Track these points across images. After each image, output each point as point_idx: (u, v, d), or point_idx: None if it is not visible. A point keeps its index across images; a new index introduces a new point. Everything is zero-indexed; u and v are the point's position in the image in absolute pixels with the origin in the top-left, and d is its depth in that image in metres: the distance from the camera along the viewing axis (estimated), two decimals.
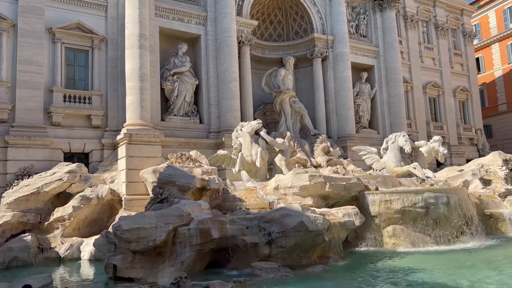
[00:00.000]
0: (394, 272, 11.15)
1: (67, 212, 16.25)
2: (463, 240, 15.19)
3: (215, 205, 15.36)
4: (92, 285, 11.42)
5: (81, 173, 17.48)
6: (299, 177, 15.55)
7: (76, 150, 19.90)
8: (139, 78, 20.03)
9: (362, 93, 28.95)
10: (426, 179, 19.54)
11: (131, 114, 19.91)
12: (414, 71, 33.22)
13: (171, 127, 21.61)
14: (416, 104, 32.64)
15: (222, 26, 23.16)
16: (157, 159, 19.48)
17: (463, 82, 37.01)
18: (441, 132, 33.02)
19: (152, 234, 11.04)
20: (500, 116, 43.79)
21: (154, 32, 21.76)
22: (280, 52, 27.70)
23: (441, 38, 35.79)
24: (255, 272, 11.05)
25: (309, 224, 11.82)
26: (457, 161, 31.97)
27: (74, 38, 20.59)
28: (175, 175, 15.15)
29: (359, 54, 29.20)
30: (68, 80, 20.56)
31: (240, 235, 12.01)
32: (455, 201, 15.73)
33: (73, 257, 15.27)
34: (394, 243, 14.86)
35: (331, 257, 12.79)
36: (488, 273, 10.53)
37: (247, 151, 18.50)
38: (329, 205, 15.56)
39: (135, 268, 11.10)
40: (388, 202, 15.16)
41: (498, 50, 44.47)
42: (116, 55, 21.23)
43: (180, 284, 9.96)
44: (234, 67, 23.10)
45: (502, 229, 17.84)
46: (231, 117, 22.36)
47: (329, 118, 27.14)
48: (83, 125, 20.19)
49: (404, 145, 20.89)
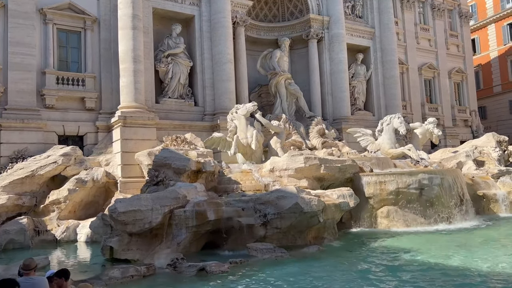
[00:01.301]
0: (387, 252, 11.32)
1: (62, 195, 16.26)
2: (456, 220, 15.43)
3: (211, 188, 15.43)
4: (89, 267, 11.52)
5: (76, 156, 17.43)
6: (294, 159, 15.61)
7: (70, 133, 19.79)
8: (133, 60, 19.80)
9: (357, 75, 28.82)
10: (421, 161, 19.69)
11: (125, 97, 19.75)
12: (410, 53, 33.04)
13: (166, 109, 21.48)
14: (411, 86, 32.60)
15: (217, 7, 22.82)
16: (152, 141, 19.43)
17: (459, 63, 36.92)
18: (436, 114, 33.08)
19: (148, 216, 11.12)
20: (494, 97, 43.87)
21: (147, 12, 21.40)
22: (275, 33, 27.39)
23: (437, 19, 35.51)
24: (250, 253, 11.19)
25: (304, 206, 11.92)
26: (452, 143, 32.11)
27: (66, 19, 20.25)
28: (171, 158, 15.16)
29: (354, 35, 28.94)
30: (61, 62, 20.30)
31: (236, 216, 12.11)
32: (448, 182, 15.92)
33: (70, 239, 15.36)
34: (388, 224, 15.07)
35: (326, 238, 12.96)
36: (481, 252, 10.72)
37: (242, 133, 18.48)
38: (324, 186, 15.69)
39: (131, 250, 11.20)
40: (382, 183, 15.31)
41: (494, 31, 44.23)
42: (109, 36, 20.92)
43: (177, 265, 10.08)
44: (229, 48, 22.86)
45: (495, 209, 18.12)
46: (226, 99, 22.25)
47: (325, 100, 27.07)
48: (77, 107, 20.04)
49: (399, 127, 20.95)
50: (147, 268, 9.82)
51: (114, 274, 9.25)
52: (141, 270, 9.60)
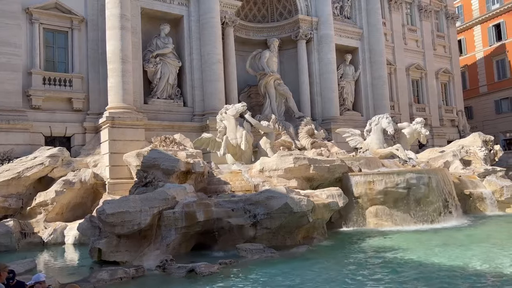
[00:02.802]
0: (376, 251, 11.40)
1: (49, 197, 16.05)
2: (444, 219, 15.62)
3: (200, 188, 15.38)
4: (77, 269, 11.39)
5: (63, 157, 17.22)
6: (284, 160, 15.64)
7: (57, 134, 19.55)
8: (121, 60, 19.65)
9: (346, 75, 28.99)
10: (409, 160, 19.87)
11: (113, 97, 19.58)
12: (398, 53, 33.35)
13: (155, 110, 21.35)
14: (399, 86, 32.89)
15: (206, 7, 22.75)
16: (140, 142, 19.29)
17: (445, 64, 37.36)
18: (424, 113, 33.43)
19: (137, 218, 11.04)
20: (480, 98, 44.49)
21: (136, 12, 21.25)
22: (264, 34, 27.43)
23: (424, 20, 35.89)
24: (240, 253, 11.18)
25: (293, 206, 11.96)
26: (439, 143, 32.48)
27: (53, 19, 20.00)
28: (159, 159, 15.07)
29: (343, 36, 29.11)
30: (48, 62, 20.04)
31: (225, 217, 12.10)
32: (436, 182, 16.10)
33: (57, 241, 15.16)
34: (376, 223, 15.19)
35: (316, 238, 13.02)
36: (468, 250, 10.86)
37: (232, 134, 18.45)
38: (314, 186, 15.75)
39: (120, 252, 11.11)
40: (371, 183, 15.43)
41: (480, 32, 44.86)
42: (96, 36, 20.73)
43: (166, 266, 10.03)
44: (218, 48, 22.81)
45: (481, 208, 18.38)
46: (215, 99, 22.19)
47: (314, 101, 27.17)
48: (64, 108, 19.81)
49: (387, 127, 21.12)
50: (136, 270, 9.75)
51: (102, 276, 9.16)
52: (130, 272, 9.53)
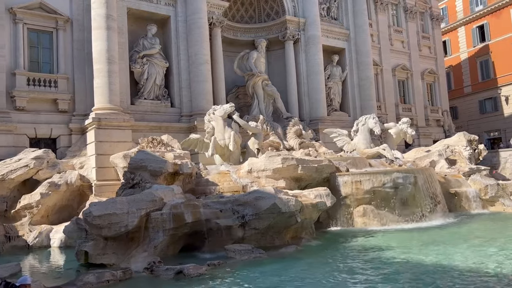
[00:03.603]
0: (364, 250, 11.49)
1: (34, 199, 15.80)
2: (430, 218, 15.81)
3: (188, 190, 15.31)
4: (63, 272, 11.24)
5: (49, 159, 16.96)
6: (272, 160, 15.66)
7: (42, 136, 19.28)
8: (107, 61, 19.45)
9: (333, 76, 29.17)
10: (395, 160, 20.08)
11: (99, 98, 19.38)
12: (384, 54, 33.68)
13: (142, 111, 21.19)
14: (385, 87, 33.22)
15: (193, 7, 22.67)
16: (127, 143, 19.12)
17: (431, 65, 37.84)
18: (410, 114, 33.80)
19: (124, 220, 10.93)
20: (465, 98, 45.18)
21: (122, 13, 21.07)
22: (252, 34, 27.45)
23: (410, 21, 36.32)
24: (229, 254, 11.16)
25: (282, 206, 11.98)
26: (425, 142, 32.90)
27: (37, 19, 19.72)
28: (147, 160, 14.95)
29: (330, 37, 29.28)
30: (32, 63, 19.75)
31: (214, 218, 12.06)
32: (422, 181, 16.30)
33: (42, 245, 14.92)
34: (364, 223, 15.30)
35: (304, 238, 13.07)
36: (453, 248, 11.00)
37: (220, 134, 18.41)
38: (302, 187, 15.80)
39: (107, 254, 10.99)
40: (358, 183, 15.54)
41: (464, 33, 45.57)
42: (82, 37, 20.49)
43: (154, 268, 9.96)
44: (206, 49, 22.74)
45: (466, 206, 18.65)
46: (203, 100, 22.12)
47: (301, 101, 27.28)
48: (49, 109, 19.55)
49: (374, 127, 21.31)
50: (124, 272, 9.66)
51: (89, 279, 9.05)
52: (117, 275, 9.43)
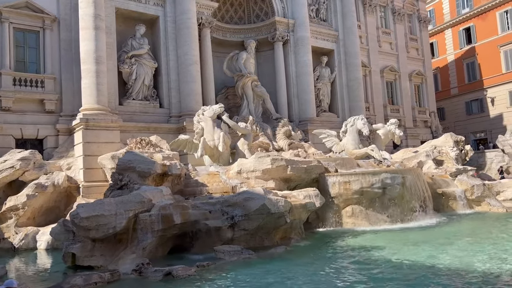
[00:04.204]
0: (352, 250, 11.55)
1: (20, 201, 15.57)
2: (418, 218, 15.96)
3: (177, 191, 15.23)
4: (50, 275, 11.08)
5: (35, 160, 16.75)
6: (261, 161, 15.66)
7: (28, 136, 19.03)
8: (95, 61, 19.27)
9: (322, 77, 29.31)
10: (383, 161, 20.23)
11: (87, 98, 19.19)
12: (372, 56, 33.97)
13: (130, 111, 21.03)
14: (374, 88, 33.50)
15: (182, 8, 22.58)
16: (115, 144, 18.96)
17: (418, 66, 38.27)
18: (398, 115, 34.12)
19: (112, 221, 10.83)
20: (452, 99, 45.78)
21: (110, 12, 20.89)
22: (241, 35, 27.45)
23: (397, 23, 36.68)
24: (218, 255, 11.13)
25: (271, 207, 11.99)
26: (412, 143, 33.23)
27: (23, 18, 19.48)
28: (135, 161, 14.85)
29: (319, 38, 29.42)
30: (18, 62, 19.50)
31: (203, 219, 12.02)
32: (410, 181, 16.44)
33: (29, 247, 14.71)
34: (353, 223, 15.38)
35: (293, 238, 13.08)
36: (441, 248, 11.12)
37: (209, 135, 18.36)
38: (291, 187, 15.83)
39: (95, 256, 10.88)
40: (347, 183, 15.62)
41: (451, 35, 46.18)
42: (70, 36, 20.29)
43: (142, 270, 9.88)
44: (195, 49, 22.67)
45: (453, 206, 18.86)
46: (192, 101, 22.04)
47: (291, 102, 27.35)
48: (36, 110, 19.31)
49: (362, 128, 21.45)
50: (111, 274, 9.56)
51: (76, 281, 8.94)
52: (105, 277, 9.33)
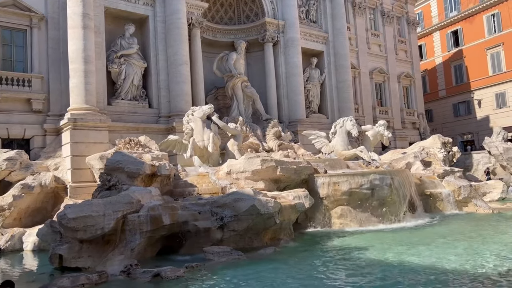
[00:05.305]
0: (341, 251, 11.60)
1: (6, 202, 15.37)
2: (406, 219, 16.10)
3: (167, 191, 15.15)
4: (37, 276, 10.92)
5: (22, 160, 16.54)
6: (251, 162, 15.65)
7: (15, 136, 18.77)
8: (83, 60, 19.09)
9: (312, 78, 29.44)
10: (372, 162, 20.37)
11: (75, 98, 19.00)
12: (362, 57, 34.23)
13: (119, 111, 20.88)
14: (363, 90, 33.75)
15: (172, 7, 22.50)
16: (104, 145, 18.81)
17: (407, 68, 38.67)
18: (386, 116, 34.43)
19: (100, 222, 10.73)
20: (440, 101, 46.36)
21: (99, 11, 20.72)
22: (231, 36, 27.43)
23: (387, 25, 37.02)
24: (207, 256, 11.09)
25: (260, 208, 11.98)
26: (401, 144, 33.54)
27: (10, 16, 19.22)
28: (124, 161, 14.73)
29: (309, 39, 29.55)
30: (5, 61, 19.24)
31: (192, 220, 11.97)
32: (398, 182, 16.56)
33: (15, 248, 14.51)
34: (342, 224, 15.45)
35: (282, 239, 13.09)
36: (429, 248, 11.22)
37: (199, 136, 18.30)
38: (280, 188, 15.85)
39: (82, 257, 10.76)
40: (336, 184, 15.68)
41: (439, 38, 46.77)
42: (58, 35, 20.07)
43: (131, 271, 9.80)
44: (184, 50, 22.60)
45: (441, 207, 19.05)
46: (181, 101, 21.95)
47: (281, 103, 27.41)
48: (23, 109, 19.07)
49: (352, 129, 21.59)
50: (99, 275, 9.46)
51: (63, 283, 8.83)
52: (92, 278, 9.23)
